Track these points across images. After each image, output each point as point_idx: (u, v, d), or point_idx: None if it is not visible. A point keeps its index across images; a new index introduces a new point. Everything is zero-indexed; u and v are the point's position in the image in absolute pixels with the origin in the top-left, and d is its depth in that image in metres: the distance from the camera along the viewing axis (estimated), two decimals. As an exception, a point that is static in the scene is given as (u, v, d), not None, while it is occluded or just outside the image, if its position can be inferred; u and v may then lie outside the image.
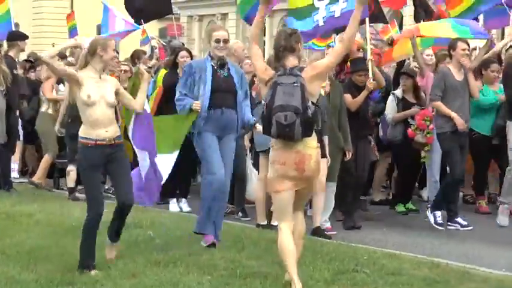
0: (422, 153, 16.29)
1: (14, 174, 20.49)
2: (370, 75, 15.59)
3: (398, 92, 16.90)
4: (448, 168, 16.02)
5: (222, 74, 12.72)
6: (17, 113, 19.25)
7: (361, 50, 16.90)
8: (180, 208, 17.62)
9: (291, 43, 9.96)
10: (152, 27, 24.26)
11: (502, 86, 16.49)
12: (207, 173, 12.64)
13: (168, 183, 16.52)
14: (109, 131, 10.72)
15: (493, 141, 16.84)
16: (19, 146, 20.93)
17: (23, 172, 22.27)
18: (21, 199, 16.98)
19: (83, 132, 10.77)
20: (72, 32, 28.25)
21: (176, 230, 13.59)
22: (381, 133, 17.44)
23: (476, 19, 18.94)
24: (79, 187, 17.71)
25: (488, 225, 15.65)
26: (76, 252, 11.36)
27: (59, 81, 19.78)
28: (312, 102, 9.62)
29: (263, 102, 10.13)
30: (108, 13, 25.77)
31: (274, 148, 9.85)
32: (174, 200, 17.78)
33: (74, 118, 17.27)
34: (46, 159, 19.61)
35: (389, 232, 14.98)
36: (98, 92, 10.71)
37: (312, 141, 9.83)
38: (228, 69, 12.81)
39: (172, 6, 24.49)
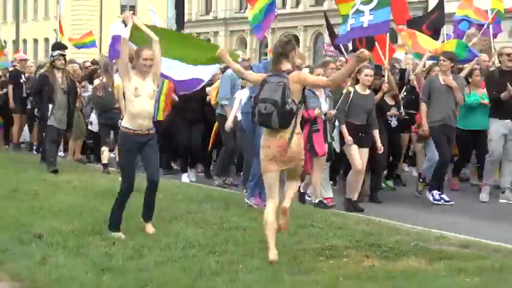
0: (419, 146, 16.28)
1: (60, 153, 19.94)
2: (386, 79, 15.01)
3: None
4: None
5: None
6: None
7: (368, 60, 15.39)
8: (189, 179, 17.34)
9: (286, 50, 9.64)
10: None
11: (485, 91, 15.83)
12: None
13: (183, 161, 17.58)
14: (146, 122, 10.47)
15: None
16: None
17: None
18: (62, 170, 16.83)
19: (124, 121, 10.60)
20: (92, 45, 26.48)
21: (178, 195, 13.69)
22: None
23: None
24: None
25: (471, 201, 15.28)
26: (103, 210, 11.67)
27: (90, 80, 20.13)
28: (292, 100, 9.23)
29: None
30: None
31: (263, 134, 9.55)
32: (186, 174, 17.45)
33: (101, 111, 17.91)
34: (78, 144, 19.76)
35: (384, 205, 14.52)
36: (142, 87, 10.41)
37: (293, 128, 9.33)
38: None
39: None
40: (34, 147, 21.23)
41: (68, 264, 8.89)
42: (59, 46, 19.07)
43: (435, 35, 19.05)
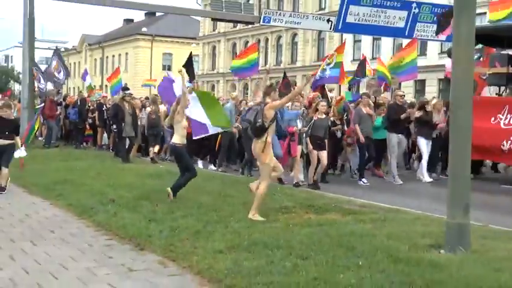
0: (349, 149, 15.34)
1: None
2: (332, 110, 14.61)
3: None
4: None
5: None
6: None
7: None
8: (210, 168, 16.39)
9: (268, 91, 9.45)
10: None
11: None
12: None
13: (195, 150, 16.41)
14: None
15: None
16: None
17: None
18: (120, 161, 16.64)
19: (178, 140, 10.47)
20: (117, 87, 23.66)
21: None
22: None
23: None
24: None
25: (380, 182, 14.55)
26: (151, 185, 11.75)
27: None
28: (262, 120, 8.86)
29: None
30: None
31: None
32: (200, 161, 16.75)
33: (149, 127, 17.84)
34: (135, 146, 18.99)
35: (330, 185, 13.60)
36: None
37: (262, 138, 8.91)
38: None
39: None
40: (110, 148, 21.13)
41: (129, 216, 8.90)
42: (125, 88, 19.15)
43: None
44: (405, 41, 20.12)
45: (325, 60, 16.92)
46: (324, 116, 13.48)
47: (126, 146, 17.65)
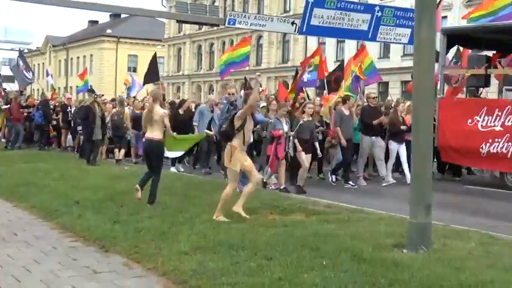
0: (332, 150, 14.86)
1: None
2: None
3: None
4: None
5: None
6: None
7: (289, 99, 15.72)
8: (178, 169, 16.12)
9: (246, 98, 9.05)
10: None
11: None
12: None
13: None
14: None
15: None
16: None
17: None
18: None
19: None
20: (84, 88, 23.78)
21: (163, 179, 13.57)
22: None
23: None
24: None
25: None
26: (115, 186, 11.64)
27: None
28: (228, 126, 8.91)
29: None
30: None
31: None
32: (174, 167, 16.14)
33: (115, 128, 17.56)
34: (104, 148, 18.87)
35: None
36: None
37: (229, 142, 8.93)
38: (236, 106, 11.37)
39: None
40: (75, 150, 20.85)
41: (94, 218, 8.80)
42: (91, 90, 19.00)
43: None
44: (369, 43, 20.09)
45: (305, 67, 16.91)
46: (310, 118, 13.30)
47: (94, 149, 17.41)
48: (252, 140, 10.19)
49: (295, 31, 14.46)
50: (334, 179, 14.42)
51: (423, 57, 7.19)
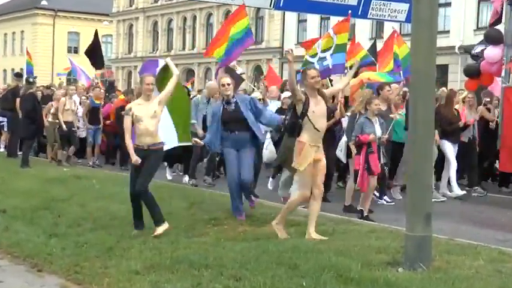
0: None
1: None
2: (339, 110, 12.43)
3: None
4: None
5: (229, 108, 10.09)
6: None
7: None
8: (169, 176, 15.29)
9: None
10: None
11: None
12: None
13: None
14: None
15: None
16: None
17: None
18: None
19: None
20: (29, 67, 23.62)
21: (108, 181, 13.55)
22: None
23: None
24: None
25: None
26: (51, 192, 11.59)
27: None
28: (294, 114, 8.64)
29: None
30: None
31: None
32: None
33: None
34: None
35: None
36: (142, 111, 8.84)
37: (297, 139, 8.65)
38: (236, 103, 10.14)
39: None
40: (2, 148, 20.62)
41: (25, 231, 8.77)
42: (18, 74, 18.77)
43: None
44: (358, 21, 19.64)
45: (312, 46, 14.56)
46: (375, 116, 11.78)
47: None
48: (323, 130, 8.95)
49: (270, 6, 14.34)
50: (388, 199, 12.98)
51: (422, 40, 7.25)
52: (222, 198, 11.73)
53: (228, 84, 10.21)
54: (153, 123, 8.84)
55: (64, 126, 17.14)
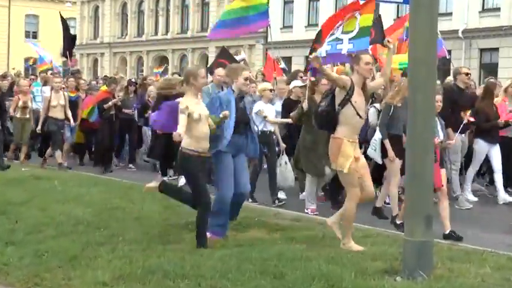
0: None
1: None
2: None
3: (378, 105, 12.31)
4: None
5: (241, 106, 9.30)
6: None
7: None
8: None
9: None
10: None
11: None
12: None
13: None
14: None
15: None
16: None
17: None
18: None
19: None
20: None
21: (70, 181, 13.47)
22: None
23: None
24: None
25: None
26: (10, 193, 11.57)
27: None
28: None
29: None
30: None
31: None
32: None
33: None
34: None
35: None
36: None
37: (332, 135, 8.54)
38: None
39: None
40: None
41: (-23, 239, 8.69)
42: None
43: None
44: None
45: (332, 29, 13.39)
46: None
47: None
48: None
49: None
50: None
51: (421, 26, 7.26)
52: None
53: (249, 79, 9.57)
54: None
55: (39, 127, 16.81)
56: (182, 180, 13.87)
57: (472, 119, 12.61)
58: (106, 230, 9.14)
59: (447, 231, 9.73)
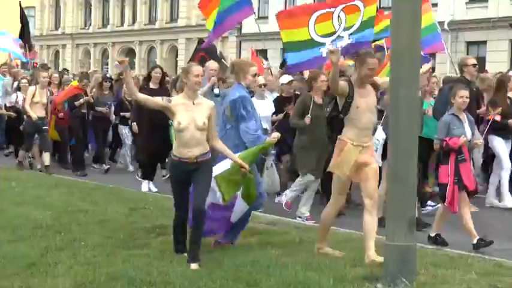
0: None
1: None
2: None
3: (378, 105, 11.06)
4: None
5: None
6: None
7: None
8: (149, 189, 13.83)
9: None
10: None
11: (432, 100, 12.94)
12: None
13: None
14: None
15: None
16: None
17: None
18: None
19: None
20: None
21: (29, 182, 13.46)
22: None
23: None
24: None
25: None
26: None
27: None
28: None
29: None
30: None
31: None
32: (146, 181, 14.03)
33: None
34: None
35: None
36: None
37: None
38: None
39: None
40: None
41: None
42: None
43: None
44: None
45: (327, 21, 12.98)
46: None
47: None
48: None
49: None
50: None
51: (405, 12, 7.26)
52: (167, 203, 11.66)
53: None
54: (200, 132, 8.07)
55: (32, 118, 16.02)
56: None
57: (498, 118, 12.59)
58: (67, 234, 9.10)
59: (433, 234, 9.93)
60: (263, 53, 36.40)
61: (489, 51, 34.17)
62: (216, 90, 12.34)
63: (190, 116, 7.97)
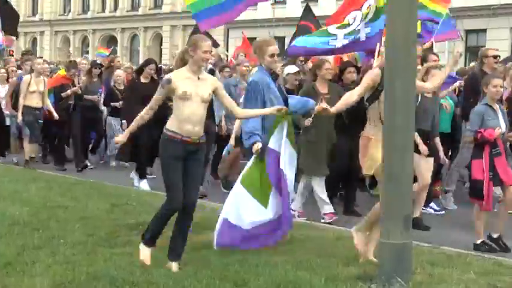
0: None
1: None
2: None
3: None
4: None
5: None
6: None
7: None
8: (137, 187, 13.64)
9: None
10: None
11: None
12: None
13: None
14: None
15: None
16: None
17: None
18: None
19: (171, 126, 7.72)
20: None
21: (5, 176, 13.43)
22: None
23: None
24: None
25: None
26: None
27: None
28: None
29: None
30: None
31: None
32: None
33: None
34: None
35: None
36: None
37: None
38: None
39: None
40: None
41: None
42: None
43: None
44: None
45: (347, 15, 13.20)
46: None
47: None
48: None
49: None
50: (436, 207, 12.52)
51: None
52: (150, 198, 11.76)
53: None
54: (203, 107, 7.79)
55: (20, 117, 15.95)
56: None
57: None
58: (45, 232, 9.08)
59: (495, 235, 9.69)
60: (252, 41, 36.48)
61: (489, 40, 34.23)
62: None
63: (195, 89, 7.67)
